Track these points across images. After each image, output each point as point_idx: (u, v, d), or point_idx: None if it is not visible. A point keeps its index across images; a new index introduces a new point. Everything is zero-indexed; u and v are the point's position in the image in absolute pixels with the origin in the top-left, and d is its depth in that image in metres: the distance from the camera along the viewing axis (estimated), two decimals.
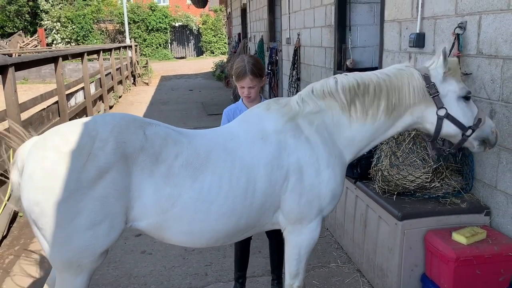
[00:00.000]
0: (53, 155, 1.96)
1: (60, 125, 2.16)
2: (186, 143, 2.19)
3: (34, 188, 1.96)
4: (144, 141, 2.09)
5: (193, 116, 11.01)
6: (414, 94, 2.34)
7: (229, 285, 3.54)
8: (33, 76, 20.07)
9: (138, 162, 2.06)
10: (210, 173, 2.18)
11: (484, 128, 2.44)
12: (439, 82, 2.37)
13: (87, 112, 9.46)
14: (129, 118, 2.18)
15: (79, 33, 32.22)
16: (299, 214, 2.36)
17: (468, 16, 3.12)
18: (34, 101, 6.08)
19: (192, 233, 2.22)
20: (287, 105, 2.41)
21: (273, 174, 2.27)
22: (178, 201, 2.12)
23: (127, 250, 4.17)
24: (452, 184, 3.17)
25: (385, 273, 3.20)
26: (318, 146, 2.34)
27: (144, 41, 33.48)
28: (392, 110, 2.38)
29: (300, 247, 2.47)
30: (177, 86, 17.82)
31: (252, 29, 13.14)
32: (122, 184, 2.02)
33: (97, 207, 1.98)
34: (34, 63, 6.44)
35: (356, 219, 3.71)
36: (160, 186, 2.09)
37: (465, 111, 2.39)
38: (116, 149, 2.01)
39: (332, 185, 2.36)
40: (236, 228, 2.29)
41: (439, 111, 2.36)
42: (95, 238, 2.03)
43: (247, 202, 2.24)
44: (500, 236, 2.84)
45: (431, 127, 2.42)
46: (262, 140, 2.31)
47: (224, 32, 34.09)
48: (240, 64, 2.97)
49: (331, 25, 6.02)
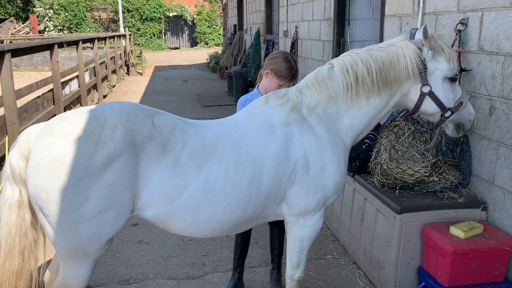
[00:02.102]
0: (61, 141, 1.95)
1: (67, 112, 2.15)
2: (192, 133, 2.19)
3: (41, 174, 1.95)
4: (152, 129, 2.08)
5: (187, 107, 10.98)
6: (410, 68, 2.32)
7: (227, 275, 3.56)
8: (24, 64, 19.85)
9: (146, 151, 2.06)
10: (217, 163, 2.18)
11: (463, 113, 2.46)
12: (429, 58, 2.37)
13: (82, 101, 9.38)
14: (137, 106, 2.17)
15: (72, 21, 31.83)
16: (303, 206, 2.38)
17: (470, 13, 3.14)
18: (29, 88, 6.02)
19: (198, 224, 2.23)
20: (285, 97, 2.41)
21: (280, 166, 2.28)
22: (184, 191, 2.12)
23: (124, 239, 4.17)
24: (450, 179, 3.20)
25: (382, 265, 3.24)
26: (323, 138, 2.35)
27: (138, 31, 33.20)
28: (390, 85, 2.37)
29: (303, 239, 2.49)
30: (171, 76, 17.73)
31: (248, 21, 13.09)
32: (130, 172, 2.02)
33: (104, 194, 1.98)
34: (30, 49, 6.37)
35: (354, 212, 3.74)
36: (167, 175, 2.09)
37: (448, 92, 2.41)
38: (125, 137, 2.01)
39: (337, 178, 2.38)
40: (241, 219, 2.30)
41: (423, 88, 2.37)
42: (102, 225, 2.03)
43: (253, 194, 2.25)
44: (496, 230, 2.89)
45: (411, 103, 2.44)
46: (267, 132, 2.31)
47: (219, 23, 33.92)
48: (288, 65, 2.95)
49: (330, 19, 6.02)
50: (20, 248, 2.10)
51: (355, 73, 2.34)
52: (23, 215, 2.08)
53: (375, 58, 2.34)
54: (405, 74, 2.34)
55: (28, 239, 2.11)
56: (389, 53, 2.35)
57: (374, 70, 2.32)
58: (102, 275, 3.61)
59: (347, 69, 2.35)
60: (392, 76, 2.34)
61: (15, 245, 2.08)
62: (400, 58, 2.33)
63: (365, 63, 2.33)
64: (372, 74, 2.33)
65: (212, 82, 15.69)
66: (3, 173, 2.11)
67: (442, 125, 2.53)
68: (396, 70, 2.34)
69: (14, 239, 2.08)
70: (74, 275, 2.13)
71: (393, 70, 2.34)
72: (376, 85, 2.34)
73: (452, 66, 2.41)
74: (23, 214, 2.08)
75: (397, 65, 2.33)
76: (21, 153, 2.05)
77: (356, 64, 2.34)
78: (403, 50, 2.34)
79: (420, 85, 2.38)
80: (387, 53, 2.35)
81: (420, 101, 2.40)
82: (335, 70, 2.38)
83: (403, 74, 2.34)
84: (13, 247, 2.08)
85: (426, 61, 2.36)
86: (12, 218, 2.06)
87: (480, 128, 3.09)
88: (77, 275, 2.12)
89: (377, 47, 2.42)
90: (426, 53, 2.37)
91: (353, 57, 2.38)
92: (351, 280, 3.54)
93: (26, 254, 2.12)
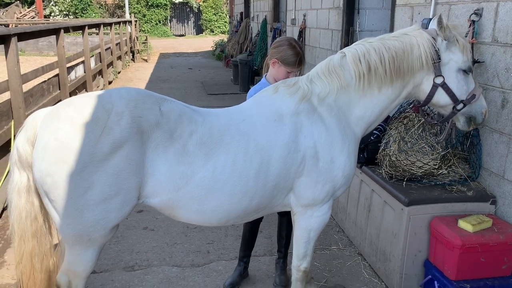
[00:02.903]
0: (67, 126, 1.93)
1: (74, 97, 2.12)
2: (200, 121, 2.16)
3: (47, 159, 1.93)
4: (159, 116, 2.06)
5: (193, 95, 10.93)
6: (424, 57, 2.27)
7: (231, 263, 3.56)
8: (30, 48, 19.80)
9: (153, 138, 2.04)
10: (224, 153, 2.15)
11: (475, 106, 2.41)
12: (443, 49, 2.32)
13: (87, 87, 9.36)
14: (144, 93, 2.14)
15: (78, 6, 31.64)
16: (311, 197, 2.36)
17: (485, 3, 3.08)
18: (35, 73, 5.99)
19: (204, 213, 2.21)
20: (295, 86, 2.37)
21: (289, 157, 2.25)
22: (191, 180, 2.10)
23: (129, 225, 4.18)
24: (459, 172, 3.17)
25: (388, 257, 3.22)
26: (333, 129, 2.31)
27: (143, 17, 33.00)
28: (403, 75, 2.32)
29: (310, 230, 2.48)
30: (176, 64, 17.65)
31: (255, 9, 12.97)
32: (136, 159, 2.00)
33: (110, 181, 1.96)
34: (36, 34, 6.33)
35: (360, 204, 3.72)
36: (174, 163, 2.07)
37: (461, 84, 2.36)
38: (131, 124, 1.98)
39: (347, 170, 2.36)
40: (248, 208, 2.28)
41: (436, 79, 2.32)
42: (107, 212, 2.02)
43: (260, 184, 2.23)
44: (505, 225, 2.86)
45: (423, 94, 2.39)
46: (276, 122, 2.28)
47: (225, 11, 33.65)
48: (294, 51, 2.88)
49: (339, 7, 5.94)
50: (32, 232, 2.12)
51: (367, 62, 2.29)
52: (32, 200, 2.09)
53: (388, 48, 2.30)
54: (419, 64, 2.30)
55: (38, 223, 2.13)
56: (403, 43, 2.30)
57: (387, 59, 2.28)
58: (107, 261, 3.61)
59: (360, 58, 2.30)
60: (405, 66, 2.30)
61: (27, 228, 2.11)
62: (414, 47, 2.28)
63: (378, 53, 2.29)
64: (385, 63, 2.28)
65: (217, 70, 15.61)
66: (11, 158, 2.11)
67: (453, 117, 2.48)
68: (409, 59, 2.29)
69: (25, 223, 2.10)
70: (79, 261, 2.13)
71: (407, 60, 2.29)
72: (389, 75, 2.30)
73: (467, 58, 2.36)
74: (32, 199, 2.08)
75: (410, 54, 2.29)
76: (27, 138, 2.04)
77: (368, 53, 2.30)
78: (417, 39, 2.29)
79: (433, 75, 2.33)
80: (400, 43, 2.30)
81: (432, 92, 2.36)
82: (347, 59, 2.34)
83: (417, 64, 2.29)
84: (25, 231, 2.11)
85: (440, 52, 2.31)
86: (21, 202, 2.07)
87: (492, 121, 3.04)
88: (82, 260, 2.12)
89: (390, 36, 2.38)
90: (440, 43, 2.32)
91: (365, 46, 2.33)
92: (356, 271, 3.53)
93: (38, 237, 2.15)
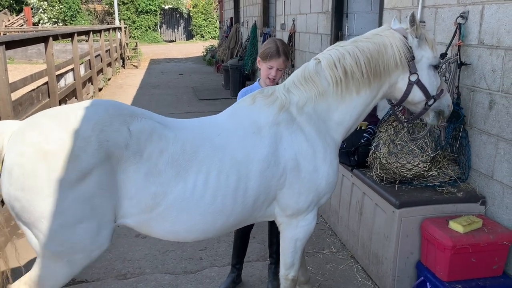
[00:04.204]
0: (31, 152, 1.85)
1: (40, 116, 2.00)
2: (171, 138, 2.08)
3: (13, 184, 1.86)
4: (128, 138, 1.97)
5: (184, 100, 10.91)
6: (398, 57, 2.29)
7: (225, 269, 3.55)
8: (19, 56, 19.68)
9: (123, 160, 1.96)
10: (195, 171, 2.08)
11: (443, 100, 2.46)
12: (415, 46, 2.35)
13: (77, 94, 9.30)
14: (113, 112, 2.02)
15: (67, 13, 31.50)
16: (296, 208, 2.34)
17: (471, 6, 3.11)
18: (24, 81, 5.94)
19: (178, 233, 2.16)
20: (272, 96, 2.33)
21: (269, 170, 2.21)
22: (163, 200, 2.04)
23: (121, 233, 4.14)
24: (448, 173, 3.19)
25: (380, 260, 3.23)
26: (313, 138, 2.29)
27: (133, 23, 32.93)
28: (379, 76, 2.33)
29: (296, 240, 2.45)
30: (167, 69, 17.63)
31: (245, 14, 13.01)
32: (107, 183, 1.93)
33: (82, 206, 1.90)
34: (24, 42, 6.29)
35: (352, 207, 3.73)
36: (145, 184, 2.00)
37: (432, 80, 2.40)
38: (98, 149, 1.90)
39: (330, 178, 2.34)
40: (225, 226, 2.23)
41: (412, 76, 2.35)
42: (83, 235, 1.95)
43: (239, 200, 2.17)
44: (495, 225, 2.88)
45: (399, 93, 2.41)
46: (254, 134, 2.22)
47: (215, 16, 33.70)
48: (272, 45, 2.97)
49: (328, 12, 5.98)
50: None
51: (343, 66, 2.28)
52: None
53: (362, 50, 2.29)
54: (394, 64, 2.31)
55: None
56: (376, 44, 2.31)
57: (362, 62, 2.28)
58: (99, 269, 3.58)
59: (335, 64, 2.29)
60: (381, 66, 2.31)
61: None
62: (387, 47, 2.30)
63: (352, 56, 2.28)
64: (361, 66, 2.28)
65: (208, 76, 15.61)
66: None
67: (424, 114, 2.51)
68: (384, 60, 2.30)
69: None
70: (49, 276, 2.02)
71: (382, 60, 2.30)
72: (366, 77, 2.30)
73: (436, 54, 2.43)
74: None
75: (385, 55, 2.30)
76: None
77: (343, 57, 2.29)
78: (389, 39, 2.31)
79: (408, 74, 2.35)
80: (374, 44, 2.31)
81: (408, 90, 2.38)
82: (323, 65, 2.32)
83: (392, 63, 2.31)
84: None
85: (412, 49, 2.34)
86: None
87: (480, 123, 3.07)
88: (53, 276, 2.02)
89: (362, 38, 2.38)
90: (411, 41, 2.35)
91: (339, 51, 2.32)
92: (349, 274, 3.53)
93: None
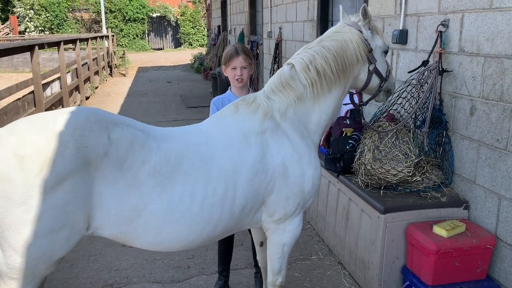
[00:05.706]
0: (8, 157, 1.81)
1: (19, 122, 1.96)
2: (155, 148, 2.04)
3: None
4: (108, 146, 1.93)
5: (172, 108, 10.90)
6: (358, 50, 2.40)
7: (212, 277, 3.55)
8: (4, 65, 19.51)
9: (101, 169, 1.92)
10: (181, 182, 2.05)
11: (390, 80, 2.64)
12: (369, 38, 2.48)
13: (63, 103, 9.24)
14: (94, 118, 1.98)
15: (53, 21, 31.34)
16: (283, 213, 2.36)
17: (451, 14, 3.18)
18: (9, 90, 5.90)
19: (161, 243, 2.13)
20: (254, 103, 2.35)
21: (257, 178, 2.22)
22: (143, 212, 2.00)
23: (107, 243, 4.11)
24: (432, 179, 3.24)
25: (367, 265, 3.26)
26: (298, 143, 2.33)
27: (120, 31, 32.86)
28: (346, 71, 2.42)
29: (283, 245, 2.47)
30: (155, 77, 17.60)
31: (232, 22, 13.07)
32: (82, 191, 1.89)
33: (55, 214, 1.86)
34: (10, 51, 6.25)
35: (338, 212, 3.76)
36: (124, 195, 1.96)
37: (383, 65, 2.57)
38: (76, 155, 1.86)
39: (315, 180, 2.38)
40: (212, 234, 2.21)
41: (370, 66, 2.49)
42: (53, 244, 1.90)
43: (226, 209, 2.16)
44: (478, 229, 2.93)
45: (361, 83, 2.54)
46: (240, 143, 2.23)
47: (203, 24, 33.78)
48: (230, 47, 3.08)
49: (314, 20, 6.05)
50: None
51: (315, 68, 2.36)
52: None
53: (328, 49, 2.38)
54: (356, 58, 2.42)
55: None
56: (338, 41, 2.40)
57: (331, 60, 2.36)
58: (85, 279, 3.56)
59: (308, 66, 2.36)
60: (346, 62, 2.40)
61: None
62: (348, 43, 2.40)
63: (321, 56, 2.36)
64: (330, 64, 2.36)
65: (196, 83, 15.62)
66: None
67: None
68: (348, 55, 2.40)
69: None
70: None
71: (346, 56, 2.39)
72: (336, 74, 2.39)
73: (385, 40, 2.57)
74: None
75: (348, 50, 2.40)
76: None
77: (314, 59, 2.36)
78: (348, 35, 2.41)
79: (367, 64, 2.48)
80: (336, 41, 2.40)
81: (369, 79, 2.52)
82: (297, 69, 2.38)
83: (354, 58, 2.41)
84: None
85: (368, 42, 2.45)
86: None
87: (462, 128, 3.13)
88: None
89: (325, 37, 2.46)
90: (366, 34, 2.46)
91: (309, 53, 2.39)
92: (337, 280, 3.55)
93: None
